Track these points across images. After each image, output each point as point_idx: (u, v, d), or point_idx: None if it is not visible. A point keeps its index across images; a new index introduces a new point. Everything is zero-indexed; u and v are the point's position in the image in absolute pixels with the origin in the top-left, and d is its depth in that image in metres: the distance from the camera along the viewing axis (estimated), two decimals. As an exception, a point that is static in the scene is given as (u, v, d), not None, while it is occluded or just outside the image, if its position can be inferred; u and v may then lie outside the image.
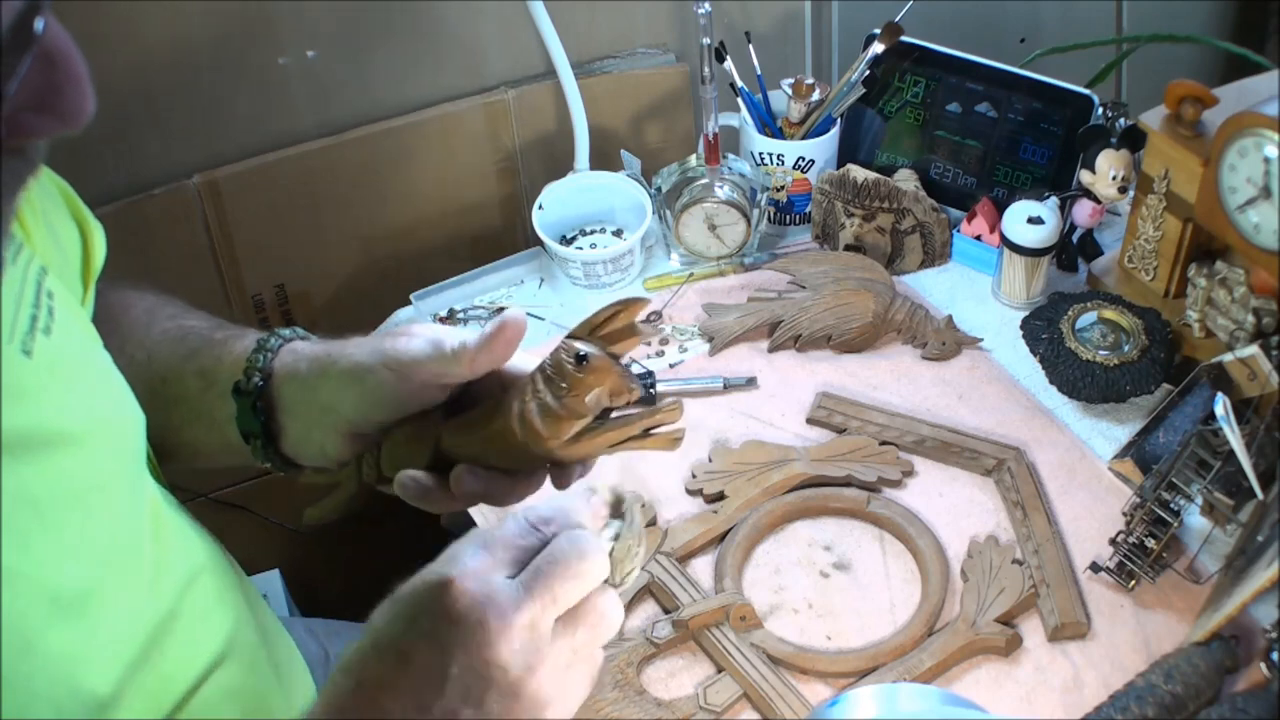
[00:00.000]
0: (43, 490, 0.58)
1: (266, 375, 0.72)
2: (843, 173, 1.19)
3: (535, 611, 0.56)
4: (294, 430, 0.72)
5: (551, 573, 0.57)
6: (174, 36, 1.20)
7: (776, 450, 1.02)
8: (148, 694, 0.64)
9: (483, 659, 0.55)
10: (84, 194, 0.77)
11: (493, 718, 0.56)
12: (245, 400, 0.72)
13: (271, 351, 0.73)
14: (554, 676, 0.57)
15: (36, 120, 0.44)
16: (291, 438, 0.72)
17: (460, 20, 1.32)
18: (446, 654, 0.55)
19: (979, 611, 0.89)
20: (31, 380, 0.58)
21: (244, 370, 0.72)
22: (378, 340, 0.69)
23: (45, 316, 0.61)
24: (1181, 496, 0.92)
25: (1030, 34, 1.60)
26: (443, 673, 0.55)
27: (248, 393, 0.72)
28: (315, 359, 0.71)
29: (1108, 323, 1.05)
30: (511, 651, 0.55)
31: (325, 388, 0.70)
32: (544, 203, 1.24)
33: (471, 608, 0.55)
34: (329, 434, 0.70)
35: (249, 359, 0.73)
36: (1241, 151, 0.93)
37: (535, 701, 0.56)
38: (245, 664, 0.73)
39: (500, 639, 0.55)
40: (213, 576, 0.74)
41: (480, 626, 0.55)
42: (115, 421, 0.66)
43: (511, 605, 0.55)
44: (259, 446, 0.73)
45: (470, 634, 0.55)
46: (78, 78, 0.44)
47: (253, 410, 0.72)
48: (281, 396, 0.72)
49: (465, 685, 0.55)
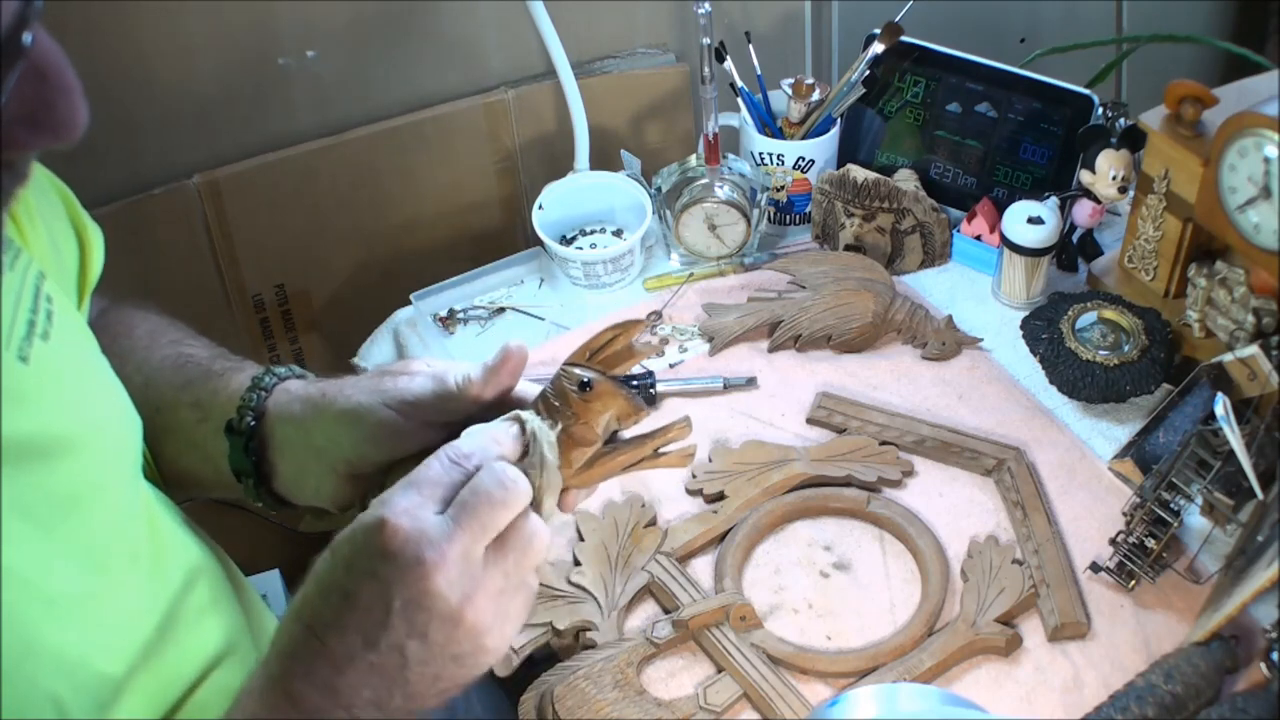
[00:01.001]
0: (41, 495, 0.58)
1: (259, 415, 0.73)
2: (843, 173, 1.19)
3: (466, 542, 0.58)
4: (286, 471, 0.73)
5: (477, 504, 0.58)
6: (174, 36, 1.20)
7: (776, 450, 1.02)
8: (147, 694, 0.64)
9: (421, 590, 0.57)
10: (84, 194, 0.77)
11: (437, 646, 0.58)
12: (238, 440, 0.72)
13: (265, 390, 0.74)
14: (490, 603, 0.59)
15: (29, 134, 0.44)
16: (284, 478, 0.73)
17: (460, 20, 1.32)
18: (387, 589, 0.57)
19: (979, 611, 0.89)
20: (29, 386, 0.58)
21: (237, 409, 0.73)
22: (376, 380, 0.70)
23: (43, 321, 0.61)
24: (1181, 496, 0.92)
25: (1030, 34, 1.60)
26: (386, 607, 0.57)
27: (240, 432, 0.72)
28: (309, 400, 0.72)
29: (1108, 323, 1.05)
30: (449, 582, 0.57)
31: (320, 429, 0.70)
32: (544, 203, 1.24)
33: (406, 543, 0.57)
34: (324, 475, 0.71)
35: (242, 398, 0.73)
36: (1241, 151, 0.93)
37: (475, 628, 0.58)
38: (244, 664, 0.73)
39: (436, 571, 0.57)
40: (210, 578, 0.74)
41: (416, 561, 0.56)
42: (112, 426, 0.67)
43: (444, 537, 0.57)
44: (251, 486, 0.74)
45: (407, 568, 0.57)
46: (69, 90, 0.44)
47: (244, 450, 0.72)
48: (274, 436, 0.72)
49: (408, 618, 0.57)
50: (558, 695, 0.83)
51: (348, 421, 0.69)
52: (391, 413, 0.68)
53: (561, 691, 0.84)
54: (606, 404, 0.62)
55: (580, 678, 0.85)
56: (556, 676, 0.85)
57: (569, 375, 0.63)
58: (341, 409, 0.69)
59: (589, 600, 0.91)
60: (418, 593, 0.57)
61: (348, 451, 0.69)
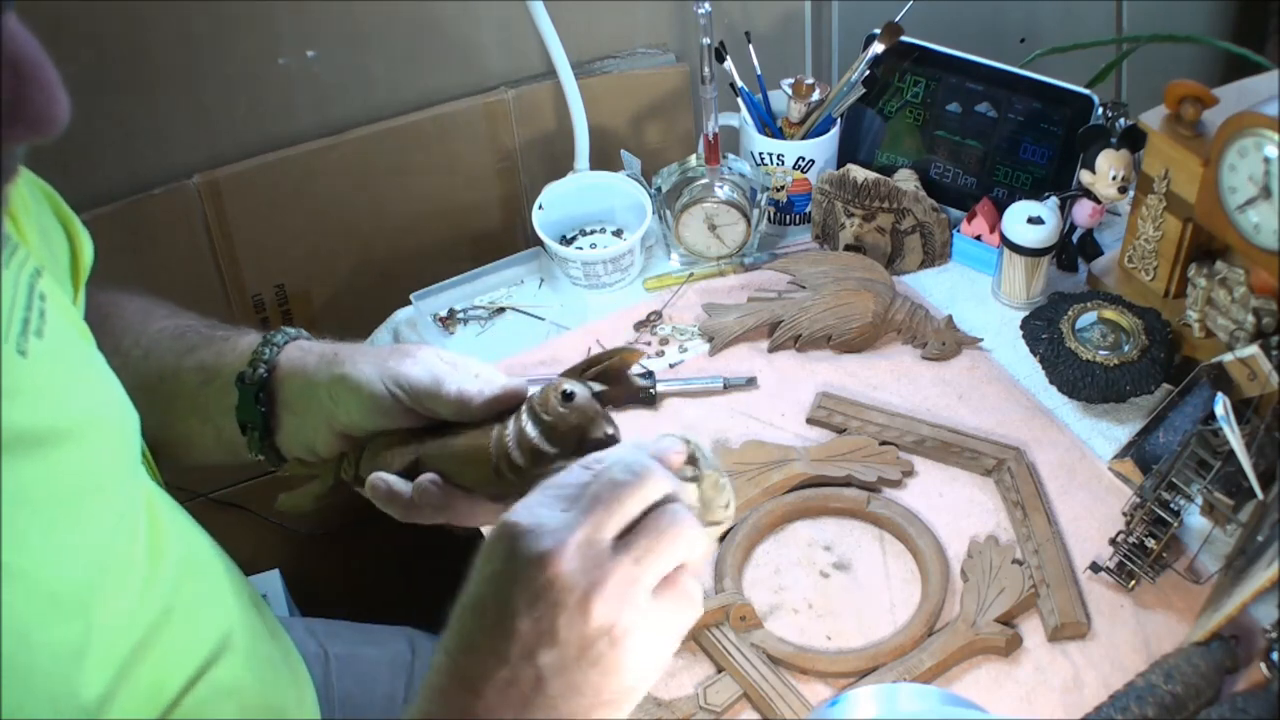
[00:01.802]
0: (39, 489, 0.58)
1: (271, 368, 0.74)
2: (843, 173, 1.19)
3: (588, 528, 0.54)
4: (290, 423, 0.74)
5: (600, 490, 0.56)
6: (174, 36, 1.20)
7: (776, 450, 1.02)
8: (144, 689, 0.65)
9: (544, 581, 0.54)
10: (84, 194, 0.77)
11: (571, 650, 0.54)
12: (249, 390, 0.74)
13: (277, 346, 0.75)
14: (625, 597, 0.55)
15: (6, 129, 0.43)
16: (287, 430, 0.75)
17: (460, 20, 1.32)
18: (509, 589, 0.54)
19: (979, 611, 0.89)
20: (28, 380, 0.58)
21: (249, 361, 0.75)
22: (384, 355, 0.71)
23: (38, 318, 0.61)
24: (1181, 496, 0.92)
25: (1030, 34, 1.60)
26: (510, 610, 0.54)
27: (252, 383, 0.74)
28: (323, 357, 0.74)
29: (1108, 323, 1.05)
30: (570, 569, 0.54)
31: (327, 388, 0.72)
32: (544, 203, 1.24)
33: (523, 535, 0.55)
34: (320, 430, 0.73)
35: (255, 351, 0.75)
36: (1241, 151, 0.93)
37: (608, 627, 0.54)
38: (242, 661, 0.73)
39: (556, 558, 0.54)
40: (208, 573, 0.75)
41: (535, 552, 0.54)
42: (110, 420, 0.67)
43: (563, 526, 0.55)
44: (255, 438, 0.75)
45: (527, 565, 0.54)
46: (46, 85, 0.44)
47: (255, 400, 0.74)
48: (284, 389, 0.74)
49: (534, 617, 0.54)
50: (558, 695, 0.83)
51: (349, 387, 0.70)
52: (385, 390, 0.69)
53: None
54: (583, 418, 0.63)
55: (580, 678, 0.85)
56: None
57: (556, 387, 0.64)
58: (347, 374, 0.71)
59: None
60: (540, 585, 0.53)
61: (344, 415, 0.71)
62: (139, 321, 0.83)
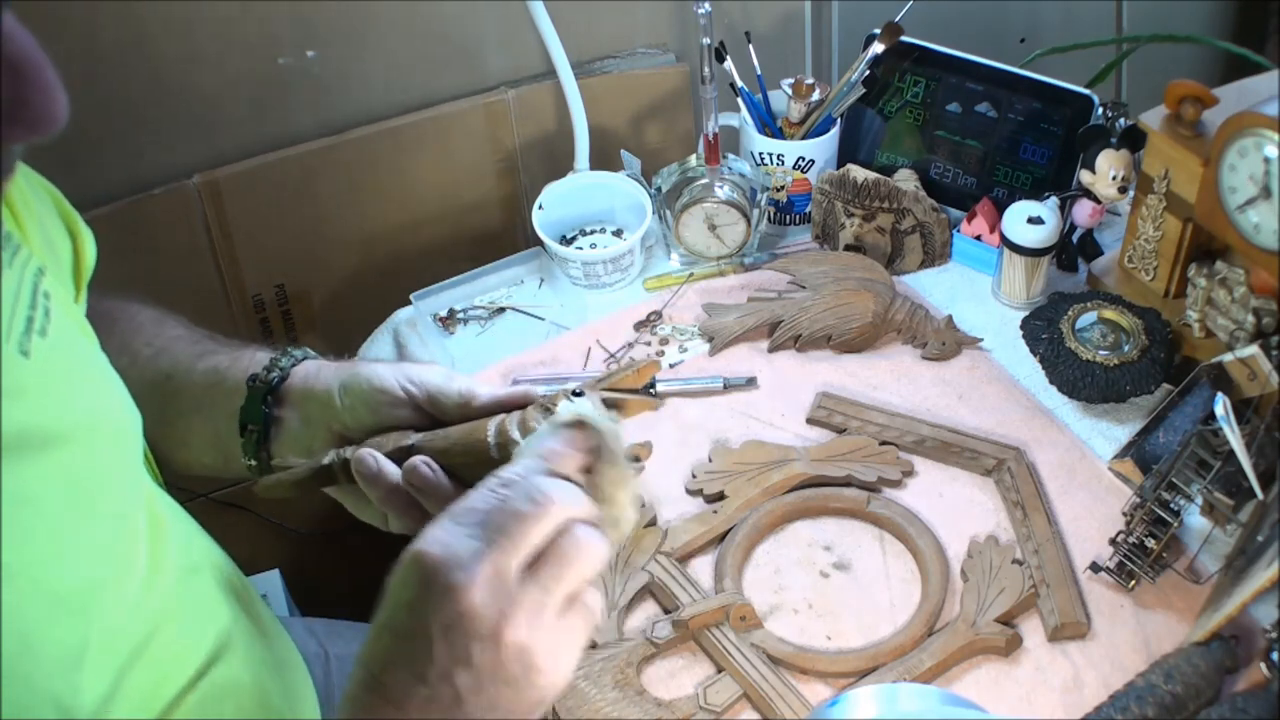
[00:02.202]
0: (41, 489, 0.58)
1: (284, 376, 0.79)
2: (843, 173, 1.19)
3: (495, 559, 0.57)
4: (291, 425, 0.77)
5: (504, 521, 0.58)
6: (175, 36, 1.20)
7: (776, 450, 1.02)
8: (144, 690, 0.65)
9: (456, 613, 0.56)
10: (84, 194, 0.77)
11: (485, 672, 0.57)
12: (258, 391, 0.78)
13: (294, 358, 0.80)
14: (532, 622, 0.58)
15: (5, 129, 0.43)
16: (286, 433, 0.78)
17: (460, 20, 1.32)
18: (424, 618, 0.57)
19: (979, 611, 0.89)
20: (30, 380, 0.58)
21: (265, 366, 0.79)
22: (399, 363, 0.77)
23: (41, 318, 0.61)
24: (1181, 496, 0.92)
25: (1030, 34, 1.60)
26: (426, 637, 0.57)
27: (263, 384, 0.78)
28: (339, 366, 0.79)
29: (1108, 323, 1.05)
30: (481, 601, 0.56)
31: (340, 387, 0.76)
32: (544, 203, 1.24)
33: (437, 569, 0.57)
34: (319, 433, 0.76)
35: (272, 358, 0.80)
36: (1241, 151, 0.93)
37: (519, 648, 0.57)
38: (242, 661, 0.73)
39: (467, 591, 0.56)
40: (209, 574, 0.75)
41: (447, 585, 0.56)
42: (112, 421, 0.67)
43: (471, 556, 0.57)
44: (253, 440, 0.78)
45: (441, 594, 0.56)
46: (45, 86, 0.44)
47: (262, 402, 0.77)
48: (294, 393, 0.78)
49: (449, 644, 0.57)
50: (558, 695, 0.83)
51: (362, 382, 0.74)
52: (397, 384, 0.73)
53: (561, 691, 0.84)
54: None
55: (580, 678, 0.85)
56: (556, 676, 0.85)
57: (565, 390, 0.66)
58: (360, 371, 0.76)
59: (589, 600, 0.91)
60: (453, 616, 0.56)
61: (347, 415, 0.74)
62: (152, 325, 0.86)
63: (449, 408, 0.72)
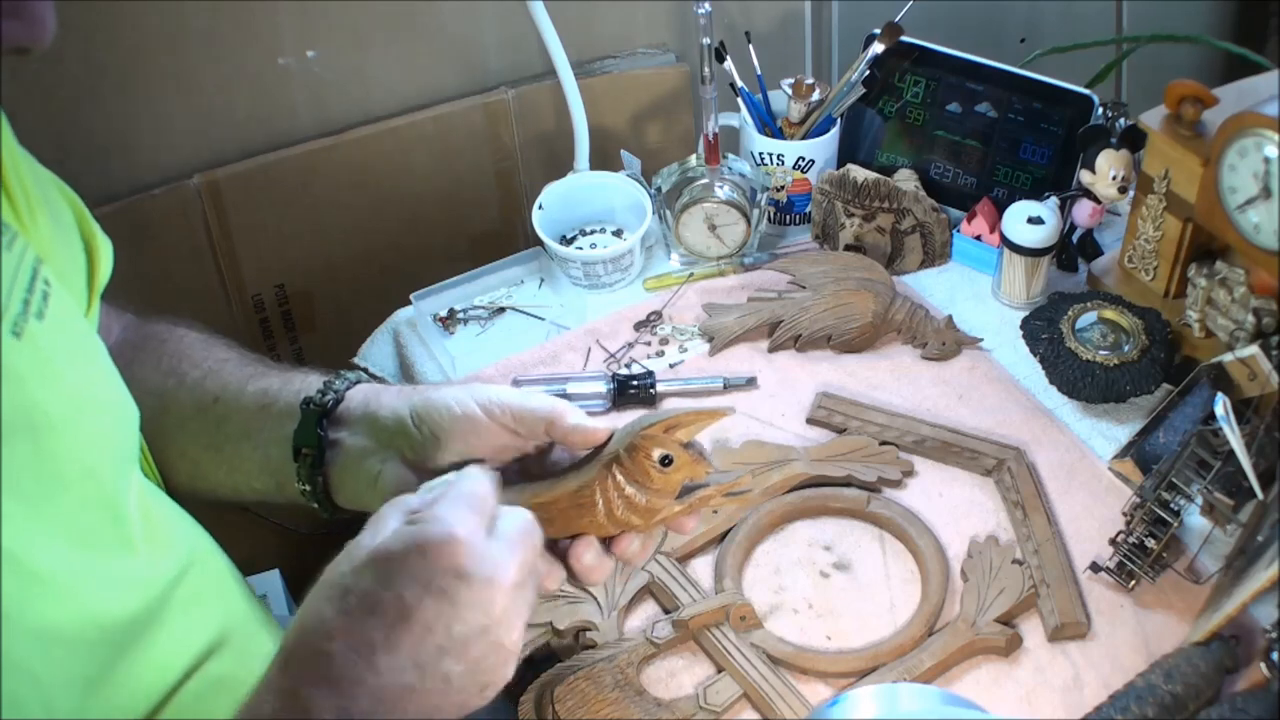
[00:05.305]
0: (28, 471, 0.59)
1: (339, 400, 0.75)
2: (843, 173, 1.19)
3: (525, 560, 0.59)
4: (353, 452, 0.73)
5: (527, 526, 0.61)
6: (174, 36, 1.20)
7: (776, 450, 1.02)
8: (137, 681, 0.65)
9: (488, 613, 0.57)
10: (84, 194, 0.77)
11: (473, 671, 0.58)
12: (313, 414, 0.74)
13: (349, 380, 0.77)
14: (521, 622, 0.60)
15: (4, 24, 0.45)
16: (347, 459, 0.73)
17: (460, 20, 1.32)
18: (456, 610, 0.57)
19: (979, 611, 0.89)
20: (20, 361, 0.59)
21: (319, 389, 0.75)
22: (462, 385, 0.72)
23: (39, 301, 0.61)
24: (1181, 496, 0.92)
25: (1030, 34, 1.60)
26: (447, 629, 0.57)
27: (318, 407, 0.74)
28: (401, 390, 0.74)
29: (1108, 323, 1.05)
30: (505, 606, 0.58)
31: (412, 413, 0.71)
32: (544, 203, 1.24)
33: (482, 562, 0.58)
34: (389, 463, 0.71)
35: (326, 381, 0.76)
36: (1241, 151, 0.93)
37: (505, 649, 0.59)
38: (237, 656, 0.74)
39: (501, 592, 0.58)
40: (204, 569, 0.75)
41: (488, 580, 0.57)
42: (104, 411, 0.67)
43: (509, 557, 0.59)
44: (307, 464, 0.74)
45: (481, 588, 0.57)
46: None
47: (317, 425, 0.74)
48: (351, 417, 0.74)
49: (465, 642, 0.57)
50: (558, 695, 0.83)
51: (439, 409, 0.70)
52: (479, 411, 0.69)
53: (561, 691, 0.84)
54: (685, 473, 0.68)
55: (580, 678, 0.85)
56: (556, 676, 0.85)
57: (647, 453, 0.67)
58: (433, 398, 0.71)
59: (589, 600, 0.91)
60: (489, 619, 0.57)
61: (426, 443, 0.70)
62: (200, 348, 0.83)
63: (534, 426, 0.69)
